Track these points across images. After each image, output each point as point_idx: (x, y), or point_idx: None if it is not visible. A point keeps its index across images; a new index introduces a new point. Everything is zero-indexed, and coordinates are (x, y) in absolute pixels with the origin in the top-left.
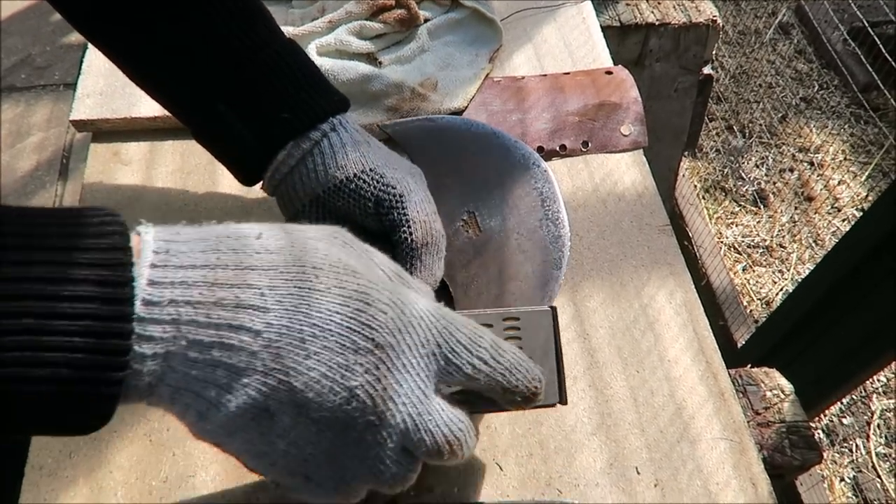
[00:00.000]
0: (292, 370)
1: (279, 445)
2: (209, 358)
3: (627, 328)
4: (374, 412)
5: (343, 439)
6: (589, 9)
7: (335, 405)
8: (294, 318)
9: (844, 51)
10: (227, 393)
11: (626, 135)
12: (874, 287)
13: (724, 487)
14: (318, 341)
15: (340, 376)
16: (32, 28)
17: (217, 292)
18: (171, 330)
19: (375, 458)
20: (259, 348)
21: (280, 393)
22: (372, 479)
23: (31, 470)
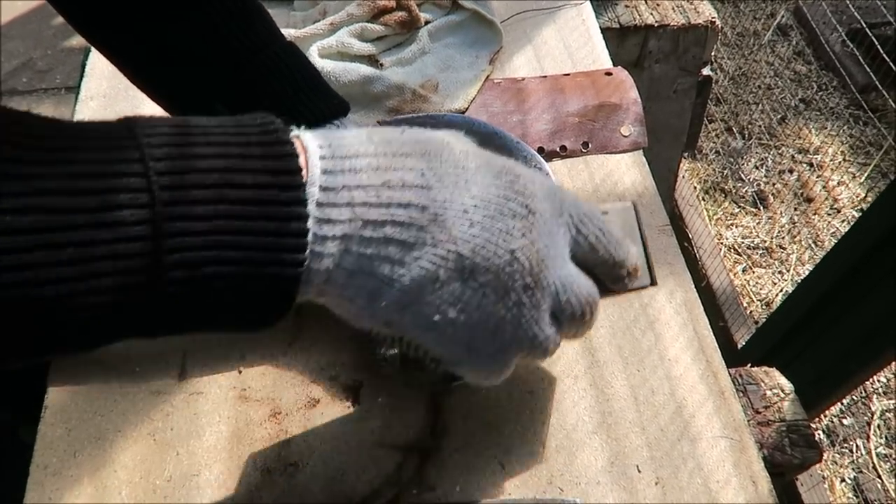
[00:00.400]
0: (459, 239)
1: (449, 314)
2: (382, 236)
3: (628, 327)
4: (531, 273)
5: (504, 303)
6: (588, 11)
7: (499, 268)
8: (455, 193)
9: (843, 52)
10: (401, 268)
11: (626, 135)
12: (873, 287)
13: (725, 485)
14: (479, 210)
15: (502, 240)
16: (34, 32)
17: (383, 175)
18: (346, 212)
19: (531, 320)
20: (427, 222)
21: (449, 262)
22: (527, 343)
23: (36, 469)
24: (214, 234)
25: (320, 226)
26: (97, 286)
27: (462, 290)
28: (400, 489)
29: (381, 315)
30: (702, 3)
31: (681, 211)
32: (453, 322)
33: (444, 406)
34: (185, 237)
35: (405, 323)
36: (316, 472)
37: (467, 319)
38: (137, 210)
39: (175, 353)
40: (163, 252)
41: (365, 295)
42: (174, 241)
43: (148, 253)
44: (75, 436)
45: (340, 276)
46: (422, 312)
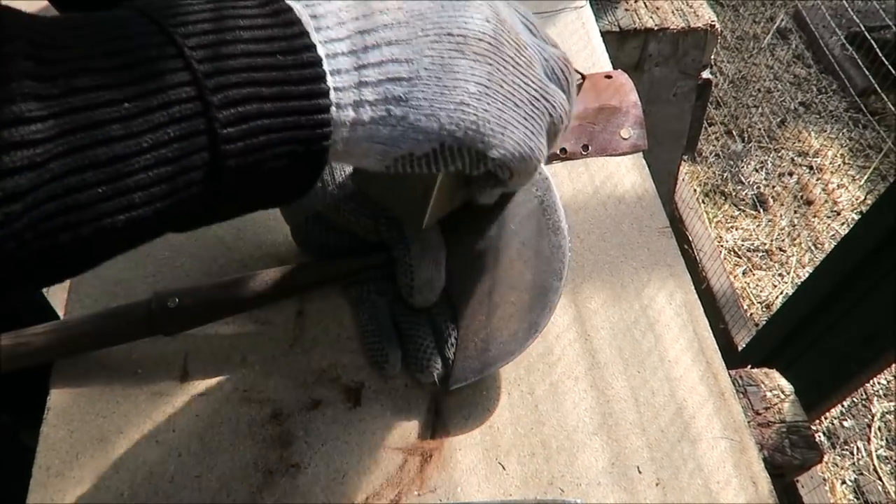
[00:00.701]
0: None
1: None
2: (381, 41)
3: (628, 329)
4: (510, 36)
5: (505, 66)
6: (588, 14)
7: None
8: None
9: (842, 55)
10: (410, 65)
11: (626, 138)
12: (873, 289)
13: (725, 486)
14: (450, 3)
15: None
16: None
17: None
18: (342, 31)
19: (532, 77)
20: (410, 18)
21: (444, 42)
22: (542, 100)
23: (39, 471)
24: (244, 72)
25: (326, 46)
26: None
27: (468, 63)
28: (401, 490)
29: (414, 122)
30: (701, 6)
31: (681, 214)
32: (476, 95)
33: (445, 407)
34: (228, 90)
35: (439, 118)
36: (317, 473)
37: (485, 89)
38: (179, 73)
39: (177, 354)
40: (214, 107)
41: (393, 106)
42: (214, 81)
43: (195, 98)
44: (77, 437)
45: (366, 92)
46: (448, 98)
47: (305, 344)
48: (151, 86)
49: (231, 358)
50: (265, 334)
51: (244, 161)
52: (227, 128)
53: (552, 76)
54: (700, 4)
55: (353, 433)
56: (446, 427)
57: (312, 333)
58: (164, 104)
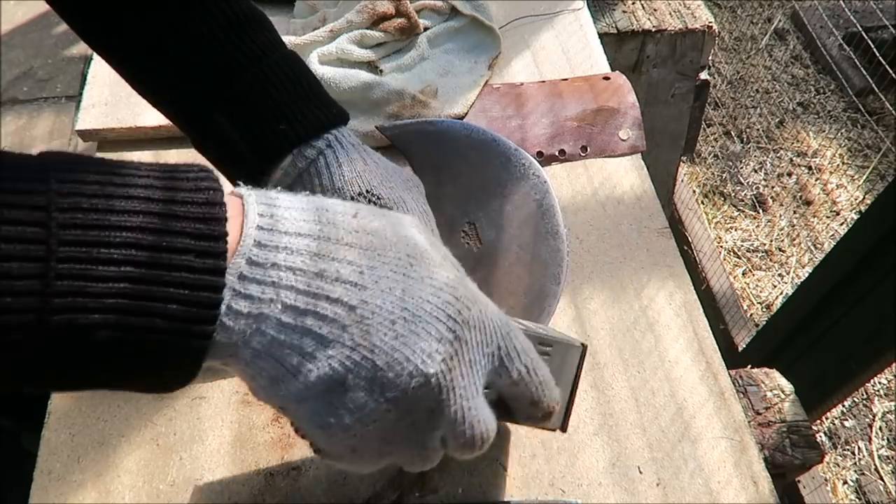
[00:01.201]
0: (378, 348)
1: (345, 419)
2: (301, 326)
3: (628, 329)
4: (437, 400)
5: (402, 421)
6: (586, 16)
7: (409, 388)
8: (387, 300)
9: (840, 56)
10: (310, 362)
11: (625, 139)
12: (873, 288)
13: (726, 486)
14: (407, 325)
15: (421, 361)
16: (34, 41)
17: (319, 263)
18: (269, 292)
19: (421, 440)
20: (351, 323)
21: (362, 369)
22: (407, 457)
23: (40, 475)
24: (112, 297)
25: (237, 300)
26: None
27: (365, 401)
28: (402, 491)
29: (276, 400)
30: (699, 8)
31: (680, 214)
32: (347, 427)
33: None
34: (77, 297)
35: (300, 414)
36: (318, 475)
37: (361, 428)
38: (29, 264)
39: None
40: (48, 311)
41: (266, 378)
42: (63, 301)
43: (34, 310)
44: (79, 441)
45: (246, 355)
46: (318, 410)
47: None
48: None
49: None
50: None
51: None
52: (57, 349)
53: (453, 443)
54: (697, 6)
55: None
56: None
57: None
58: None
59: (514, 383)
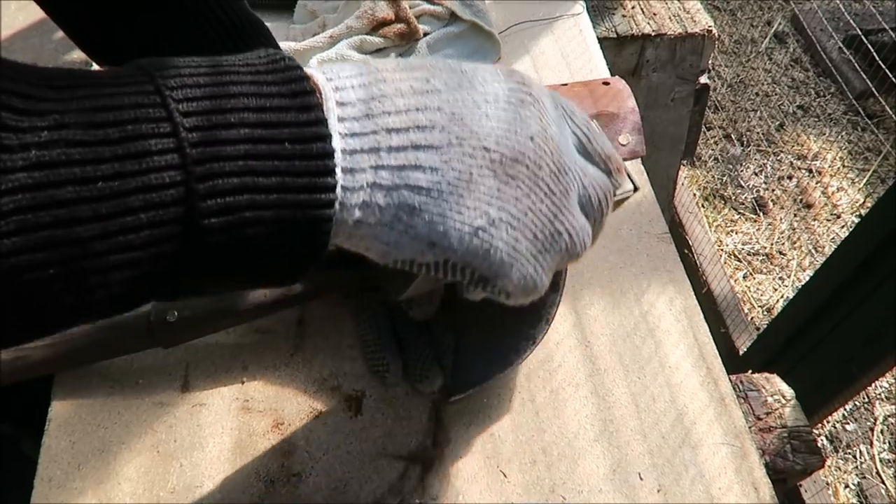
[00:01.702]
0: (481, 133)
1: (491, 213)
2: (409, 143)
3: (628, 335)
4: (553, 159)
5: (537, 193)
6: (585, 21)
7: (524, 155)
8: (462, 92)
9: (840, 59)
10: (434, 174)
11: (625, 144)
12: (874, 291)
13: (727, 492)
14: (490, 104)
15: (520, 128)
16: (35, 46)
17: (392, 85)
18: (368, 124)
19: (565, 209)
20: (447, 122)
21: (477, 157)
22: (565, 236)
23: (41, 482)
24: (242, 159)
25: (346, 140)
26: (131, 223)
27: (496, 184)
28: (402, 498)
29: (423, 234)
30: (698, 11)
31: (681, 218)
32: (495, 221)
33: (445, 415)
34: (212, 163)
35: (450, 235)
36: (319, 482)
37: (507, 216)
38: (162, 139)
39: (178, 365)
40: (194, 179)
41: (405, 214)
42: (203, 169)
43: (179, 183)
44: (79, 448)
45: (377, 195)
46: (464, 218)
47: (306, 353)
48: (133, 166)
49: (232, 367)
50: (266, 343)
51: (227, 251)
52: (208, 218)
53: (587, 205)
54: (697, 10)
55: (355, 442)
56: (447, 435)
57: (313, 342)
58: (144, 188)
59: (587, 140)
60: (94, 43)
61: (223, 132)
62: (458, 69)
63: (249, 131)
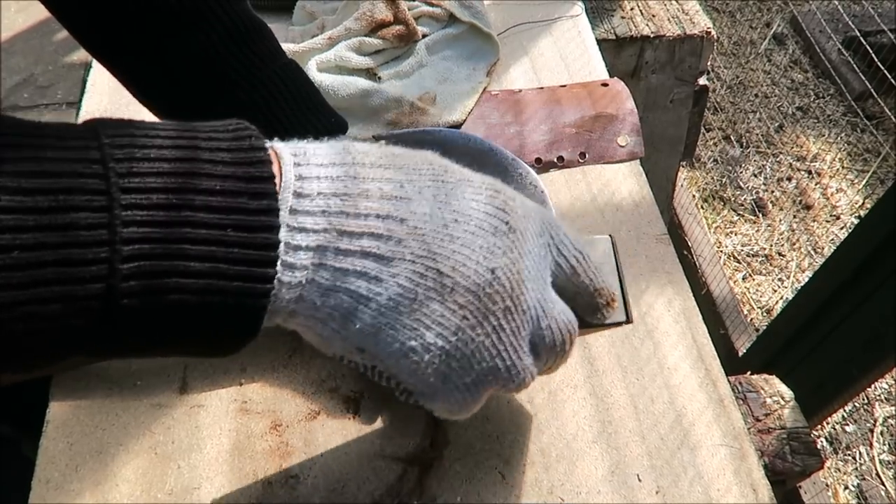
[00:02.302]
0: (439, 255)
1: (427, 337)
2: (358, 249)
3: (626, 336)
4: (511, 296)
5: (483, 327)
6: (584, 23)
7: (479, 287)
8: (435, 206)
9: (839, 60)
10: (377, 285)
11: (623, 146)
12: (874, 292)
13: (725, 494)
14: (459, 226)
15: (483, 258)
16: (35, 48)
17: (360, 185)
18: (321, 221)
19: (510, 348)
20: (405, 236)
21: (428, 279)
22: (503, 374)
23: (38, 484)
24: (177, 243)
25: (293, 234)
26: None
27: (441, 310)
28: (400, 500)
29: (354, 339)
30: (697, 13)
31: (680, 219)
32: (430, 347)
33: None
34: (143, 244)
35: (380, 349)
36: (317, 483)
37: (445, 344)
38: (94, 214)
39: (176, 365)
40: (118, 259)
41: (339, 315)
42: (131, 249)
43: (102, 260)
44: (77, 450)
45: (314, 293)
46: (398, 336)
47: (304, 354)
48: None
49: (230, 369)
50: (264, 345)
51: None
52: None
53: (539, 344)
54: (696, 11)
55: (353, 443)
56: (445, 436)
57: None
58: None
59: (574, 272)
60: (98, 43)
61: (162, 213)
62: (442, 177)
63: (191, 214)
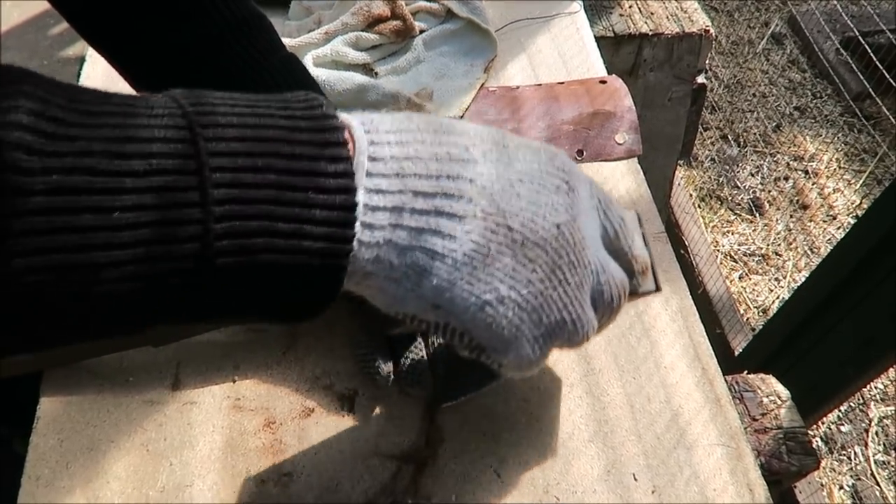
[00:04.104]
0: (508, 212)
1: (501, 290)
2: (433, 208)
3: (623, 335)
4: (575, 251)
5: (552, 280)
6: (582, 19)
7: (546, 242)
8: (499, 167)
9: (837, 60)
10: (452, 242)
11: (621, 143)
12: (870, 293)
13: (721, 493)
14: (524, 185)
15: (549, 213)
16: (30, 42)
17: (429, 148)
18: (396, 183)
19: (576, 301)
20: (475, 195)
21: (499, 234)
22: (570, 327)
23: (28, 480)
24: (264, 204)
25: (371, 196)
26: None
27: (513, 264)
28: (395, 499)
29: (429, 296)
30: (696, 12)
31: (677, 218)
32: (504, 300)
33: (439, 415)
34: (233, 205)
35: (455, 304)
36: (310, 481)
37: (517, 297)
38: (186, 176)
39: (168, 362)
40: (212, 219)
41: (414, 274)
42: (223, 210)
43: (196, 221)
44: (68, 447)
45: (391, 252)
46: (473, 290)
47: (299, 351)
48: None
49: (223, 366)
50: (258, 342)
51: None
52: (223, 257)
53: (598, 299)
54: (695, 10)
55: (347, 441)
56: (441, 435)
57: (305, 341)
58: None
59: (616, 236)
60: (97, 34)
61: (249, 175)
62: (502, 142)
63: (276, 177)
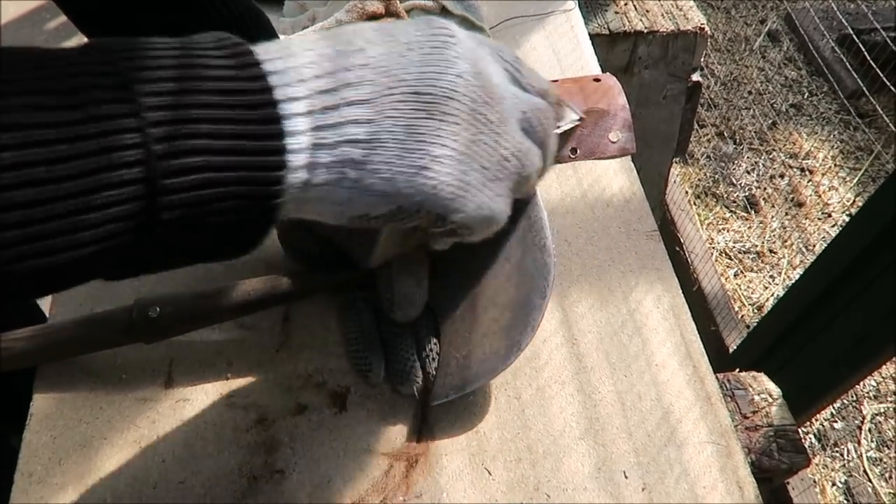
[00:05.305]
0: (408, 80)
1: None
2: (343, 101)
3: (615, 333)
4: (484, 90)
5: (475, 125)
6: (577, 17)
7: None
8: (386, 46)
9: (833, 58)
10: (372, 126)
11: (615, 141)
12: (864, 290)
13: (711, 490)
14: (414, 52)
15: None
16: (26, 37)
17: (318, 52)
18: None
19: (505, 135)
20: (373, 76)
21: (409, 102)
22: (512, 161)
23: (21, 477)
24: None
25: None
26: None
27: (433, 124)
28: (386, 496)
29: (369, 185)
30: (691, 9)
31: (672, 215)
32: (438, 159)
33: (430, 413)
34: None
35: (397, 182)
36: (302, 478)
37: (450, 151)
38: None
39: (161, 360)
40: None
41: (350, 169)
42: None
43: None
44: (60, 443)
45: (322, 155)
46: (406, 162)
47: (292, 349)
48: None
49: (216, 363)
50: (251, 339)
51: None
52: (168, 178)
53: (528, 129)
54: (690, 7)
55: (339, 438)
56: (432, 432)
57: (299, 338)
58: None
59: (519, 73)
60: (95, 28)
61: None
62: (379, 28)
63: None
